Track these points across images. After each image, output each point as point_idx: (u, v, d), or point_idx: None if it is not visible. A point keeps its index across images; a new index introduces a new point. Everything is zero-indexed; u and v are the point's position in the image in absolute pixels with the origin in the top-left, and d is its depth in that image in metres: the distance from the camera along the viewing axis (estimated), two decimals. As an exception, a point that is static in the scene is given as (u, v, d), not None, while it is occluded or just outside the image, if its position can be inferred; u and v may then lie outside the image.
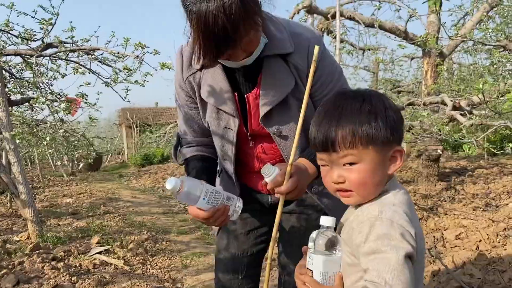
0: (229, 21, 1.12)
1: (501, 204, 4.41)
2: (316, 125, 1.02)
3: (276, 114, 1.41)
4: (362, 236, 0.95)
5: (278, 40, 1.36)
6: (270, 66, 1.38)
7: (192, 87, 1.47)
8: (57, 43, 4.72)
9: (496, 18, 6.92)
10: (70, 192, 8.22)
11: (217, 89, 1.41)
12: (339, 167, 1.00)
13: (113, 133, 22.22)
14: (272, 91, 1.38)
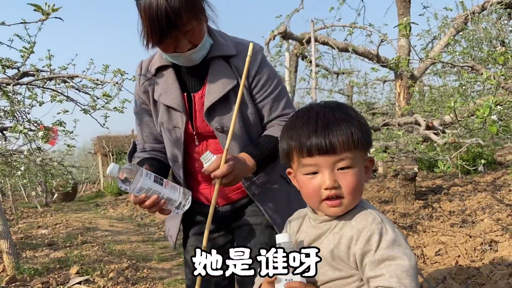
0: (170, 6, 1.33)
1: (477, 220, 4.53)
2: (309, 130, 1.02)
3: (218, 110, 1.54)
4: (371, 245, 0.97)
5: (222, 45, 1.55)
6: (214, 66, 1.54)
7: (147, 91, 1.63)
8: (33, 71, 4.70)
9: (462, 42, 7.27)
10: (45, 223, 7.99)
11: (168, 89, 1.57)
12: (333, 172, 1.00)
13: (87, 162, 21.80)
14: (216, 88, 1.52)
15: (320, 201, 1.02)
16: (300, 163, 1.04)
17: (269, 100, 1.58)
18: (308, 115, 1.05)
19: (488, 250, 3.54)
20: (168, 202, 1.40)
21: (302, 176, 1.04)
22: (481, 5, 6.14)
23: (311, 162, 1.01)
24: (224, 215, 1.66)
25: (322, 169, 1.01)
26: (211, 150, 1.54)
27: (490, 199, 5.29)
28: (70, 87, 4.58)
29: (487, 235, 3.87)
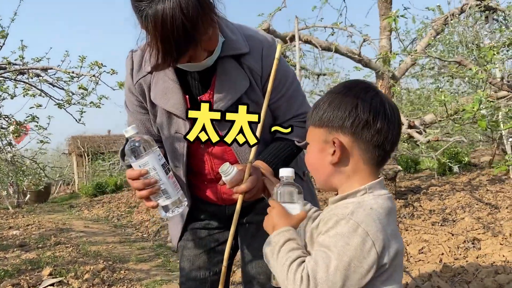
0: (187, 18, 1.11)
1: (457, 218, 4.55)
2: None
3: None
4: (325, 227, 0.95)
5: (233, 41, 1.36)
6: (224, 67, 1.36)
7: (142, 90, 1.43)
8: (5, 64, 4.49)
9: (440, 46, 7.38)
10: (16, 224, 7.68)
11: (167, 92, 1.38)
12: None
13: (61, 163, 21.24)
14: (226, 92, 1.36)
15: None
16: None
17: (284, 100, 1.44)
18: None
19: (471, 248, 3.54)
20: (161, 194, 1.25)
21: None
22: (460, 7, 6.22)
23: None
24: (229, 214, 1.54)
25: None
26: (218, 153, 1.44)
27: (469, 198, 5.34)
28: (44, 81, 4.40)
29: (469, 233, 3.88)
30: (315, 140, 1.04)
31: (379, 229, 0.91)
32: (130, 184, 1.25)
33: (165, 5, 1.09)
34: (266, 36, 1.45)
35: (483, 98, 2.09)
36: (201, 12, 1.13)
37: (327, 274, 0.88)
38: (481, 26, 6.60)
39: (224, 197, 1.52)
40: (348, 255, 0.88)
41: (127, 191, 12.87)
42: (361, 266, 0.89)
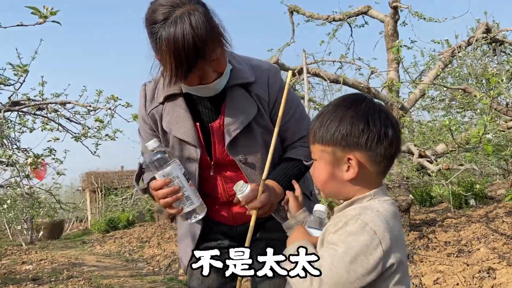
0: (197, 35, 1.22)
1: (473, 249, 4.47)
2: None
3: (242, 142, 1.46)
4: (334, 228, 0.99)
5: (240, 71, 1.45)
6: (233, 95, 1.44)
7: (155, 120, 1.51)
8: (24, 100, 4.67)
9: (449, 79, 7.45)
10: (29, 259, 7.73)
11: (179, 120, 1.46)
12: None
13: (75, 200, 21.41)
14: (236, 118, 1.43)
15: None
16: None
17: (292, 123, 1.52)
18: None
19: (487, 278, 3.47)
20: (185, 201, 1.32)
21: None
22: (467, 40, 6.32)
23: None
24: (241, 233, 1.60)
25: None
26: (230, 177, 1.51)
27: (485, 229, 5.25)
28: (61, 116, 4.57)
29: (484, 263, 3.81)
30: (324, 157, 1.06)
31: (386, 229, 0.94)
32: (154, 195, 1.32)
33: (177, 26, 1.22)
34: (270, 65, 1.54)
35: (487, 123, 2.13)
36: (210, 31, 1.25)
37: (332, 266, 0.91)
38: (490, 58, 6.69)
39: (236, 217, 1.57)
40: (354, 250, 0.91)
41: (139, 227, 12.87)
42: (367, 261, 0.91)
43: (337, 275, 0.90)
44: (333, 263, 0.91)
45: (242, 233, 1.58)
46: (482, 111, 2.62)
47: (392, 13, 6.04)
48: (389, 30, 6.27)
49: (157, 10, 1.25)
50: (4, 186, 5.93)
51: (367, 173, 1.03)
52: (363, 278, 0.91)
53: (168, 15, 1.23)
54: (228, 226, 1.59)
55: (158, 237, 9.13)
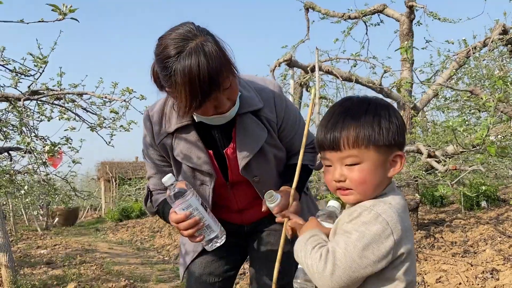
0: (212, 66, 1.24)
1: (478, 250, 4.49)
2: (323, 126, 1.09)
3: (255, 164, 1.53)
4: (348, 218, 1.04)
5: (248, 98, 1.48)
6: (243, 121, 1.49)
7: (165, 149, 1.54)
8: (43, 90, 4.82)
9: (466, 79, 7.40)
10: (44, 244, 7.95)
11: (192, 150, 1.49)
12: (342, 166, 1.06)
13: (90, 189, 21.80)
14: (247, 144, 1.49)
15: (335, 190, 1.11)
16: (320, 154, 1.14)
17: (297, 138, 1.60)
18: (330, 111, 1.12)
19: (490, 278, 3.50)
20: (206, 229, 1.38)
21: (324, 166, 1.14)
22: (483, 41, 6.28)
23: (324, 155, 1.11)
24: (248, 231, 1.74)
25: (333, 163, 1.09)
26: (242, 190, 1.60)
27: (493, 231, 5.25)
28: (78, 106, 4.70)
29: (489, 264, 3.84)
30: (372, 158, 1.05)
31: (398, 221, 1.00)
32: (176, 227, 1.38)
33: (191, 58, 1.24)
34: (273, 85, 1.59)
35: (490, 125, 2.17)
36: (223, 61, 1.28)
37: (345, 251, 0.97)
38: (507, 60, 6.63)
39: (245, 219, 1.69)
40: (367, 238, 0.97)
41: (151, 217, 13.08)
42: (378, 249, 0.97)
43: (350, 259, 0.96)
44: (347, 249, 0.97)
45: (250, 232, 1.72)
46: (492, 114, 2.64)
47: (408, 12, 6.04)
48: (404, 29, 6.27)
49: (169, 46, 1.26)
50: (22, 172, 6.13)
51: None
52: (374, 265, 0.97)
53: (182, 49, 1.25)
54: (236, 225, 1.70)
55: (169, 228, 9.28)
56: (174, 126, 1.48)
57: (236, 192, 1.61)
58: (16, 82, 3.89)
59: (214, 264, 1.70)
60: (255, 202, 1.60)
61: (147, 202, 1.65)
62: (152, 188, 1.64)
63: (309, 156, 1.63)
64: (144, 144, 1.60)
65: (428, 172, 5.24)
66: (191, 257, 1.70)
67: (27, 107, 4.35)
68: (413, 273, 1.06)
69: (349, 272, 0.96)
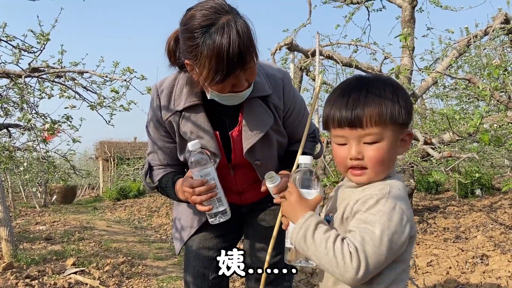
0: (243, 43, 1.27)
1: (470, 236, 4.58)
2: (342, 103, 1.08)
3: (259, 148, 1.56)
4: (364, 206, 1.03)
5: (259, 83, 1.51)
6: (251, 106, 1.52)
7: (172, 126, 1.56)
8: (44, 67, 4.83)
9: (466, 67, 7.41)
10: (43, 220, 8.04)
11: (199, 129, 1.52)
12: (359, 144, 1.07)
13: (88, 167, 21.89)
14: (253, 129, 1.52)
15: (347, 169, 1.11)
16: (333, 132, 1.12)
17: (300, 127, 1.64)
18: (346, 88, 1.11)
19: (479, 263, 3.59)
20: (216, 201, 1.42)
21: (334, 144, 1.13)
22: (484, 29, 6.27)
23: (341, 133, 1.09)
24: (246, 211, 1.78)
25: (350, 141, 1.08)
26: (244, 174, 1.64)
27: (485, 218, 5.34)
28: (79, 84, 4.72)
29: (479, 250, 3.93)
30: (387, 137, 1.06)
31: (409, 207, 1.05)
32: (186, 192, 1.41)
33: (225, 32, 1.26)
34: (283, 73, 1.61)
35: (483, 113, 2.21)
36: (251, 42, 1.31)
37: (374, 247, 0.97)
38: (509, 49, 6.63)
39: (244, 200, 1.74)
40: (391, 229, 0.99)
41: (149, 197, 13.18)
42: (400, 239, 1.00)
43: (379, 255, 0.98)
44: (375, 244, 0.97)
45: (247, 212, 1.77)
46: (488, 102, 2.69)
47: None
48: (406, 16, 6.25)
49: (199, 17, 1.28)
50: (22, 149, 6.17)
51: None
52: (396, 253, 1.02)
53: (213, 21, 1.26)
54: (234, 205, 1.70)
55: (167, 208, 9.38)
56: (184, 104, 1.50)
57: (237, 174, 1.65)
58: (17, 59, 3.90)
59: (212, 241, 1.75)
60: (255, 185, 1.63)
61: (147, 177, 1.68)
62: (152, 163, 1.67)
63: (310, 145, 1.69)
64: (149, 118, 1.61)
65: (424, 159, 5.31)
66: (189, 233, 1.73)
67: (28, 84, 4.38)
68: (410, 251, 1.10)
69: (378, 266, 0.99)
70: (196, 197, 1.39)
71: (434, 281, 3.19)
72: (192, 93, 1.50)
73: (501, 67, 2.43)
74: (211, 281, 1.71)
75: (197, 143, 1.37)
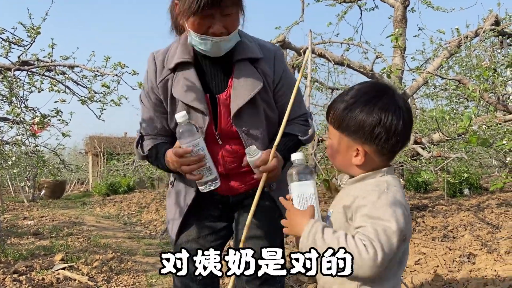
0: None
1: (457, 235, 4.64)
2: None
3: (246, 114, 1.56)
4: (366, 201, 1.08)
5: (249, 46, 1.55)
6: (241, 69, 1.55)
7: (165, 89, 1.58)
8: (34, 61, 4.77)
9: (456, 68, 7.48)
10: (31, 215, 7.97)
11: (189, 88, 1.55)
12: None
13: (77, 162, 21.72)
14: (242, 91, 1.53)
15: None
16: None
17: (294, 105, 1.59)
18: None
19: (466, 262, 3.64)
20: (206, 170, 1.44)
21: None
22: (475, 31, 6.33)
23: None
24: (234, 203, 1.74)
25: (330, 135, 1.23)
26: (232, 150, 1.61)
27: (473, 217, 5.41)
28: (69, 78, 4.67)
29: (466, 249, 3.98)
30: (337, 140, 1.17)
31: (406, 202, 1.10)
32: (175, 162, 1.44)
33: None
34: (277, 47, 1.67)
35: (473, 115, 2.24)
36: None
37: (387, 237, 1.01)
38: (498, 51, 6.70)
39: (231, 189, 1.69)
40: (399, 221, 1.03)
41: (139, 193, 13.14)
42: (407, 230, 1.06)
43: (392, 245, 1.01)
44: (388, 235, 1.01)
45: (235, 203, 1.73)
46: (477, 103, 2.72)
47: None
48: (398, 16, 6.30)
49: None
50: (10, 143, 6.10)
51: (372, 161, 1.15)
52: (403, 244, 1.06)
53: None
54: (221, 196, 1.71)
55: (157, 204, 9.35)
56: (176, 61, 1.55)
57: (224, 148, 1.61)
58: (7, 52, 3.85)
59: (202, 240, 1.73)
60: (242, 171, 1.62)
61: (138, 147, 1.69)
62: (144, 132, 1.68)
63: (301, 128, 1.65)
64: (144, 86, 1.66)
65: (414, 158, 5.35)
66: (174, 225, 1.73)
67: (17, 77, 4.32)
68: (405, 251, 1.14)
69: (391, 257, 1.02)
70: (186, 167, 1.42)
71: (422, 280, 3.23)
72: (185, 51, 1.55)
73: (491, 69, 2.45)
74: (199, 282, 1.70)
75: (185, 115, 1.41)
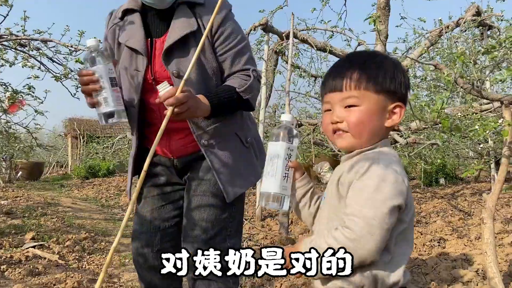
0: None
1: (430, 221, 4.72)
2: (330, 69, 1.14)
3: (176, 54, 1.57)
4: (357, 175, 1.03)
5: None
6: (178, 12, 1.59)
7: (113, 36, 1.69)
8: (7, 35, 4.63)
9: (438, 59, 7.53)
10: (5, 195, 7.81)
11: (133, 33, 1.62)
12: (340, 108, 1.08)
13: (57, 145, 21.36)
14: (175, 32, 1.57)
15: (332, 135, 1.12)
16: (322, 101, 1.15)
17: (231, 53, 1.61)
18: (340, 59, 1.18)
19: (436, 246, 3.71)
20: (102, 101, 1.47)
21: (322, 111, 1.15)
22: (456, 21, 6.37)
23: (326, 99, 1.12)
24: (177, 167, 1.71)
25: (333, 106, 1.10)
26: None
27: (446, 205, 5.51)
28: (43, 54, 4.55)
29: (437, 234, 4.05)
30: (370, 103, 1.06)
31: (403, 169, 1.04)
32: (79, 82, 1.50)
33: None
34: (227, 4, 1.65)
35: (445, 98, 2.25)
36: None
37: (374, 208, 0.97)
38: (479, 43, 6.77)
39: (173, 150, 1.68)
40: (387, 189, 0.98)
41: (119, 176, 13.00)
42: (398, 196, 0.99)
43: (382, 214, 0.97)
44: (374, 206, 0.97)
45: (180, 166, 1.71)
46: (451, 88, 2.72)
47: (386, -15, 6.03)
48: (381, 3, 6.25)
49: None
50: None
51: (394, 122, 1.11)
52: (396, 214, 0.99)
53: None
54: (165, 158, 1.71)
55: (135, 187, 9.27)
56: (122, 9, 1.67)
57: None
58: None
59: (154, 214, 1.74)
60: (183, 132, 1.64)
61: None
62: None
63: (241, 81, 1.60)
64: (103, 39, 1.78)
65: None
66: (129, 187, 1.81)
67: (-12, 51, 4.19)
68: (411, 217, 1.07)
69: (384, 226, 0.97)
70: (83, 86, 1.47)
71: (392, 262, 3.27)
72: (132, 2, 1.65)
73: (467, 55, 2.47)
74: (155, 253, 1.70)
75: (94, 41, 1.46)
